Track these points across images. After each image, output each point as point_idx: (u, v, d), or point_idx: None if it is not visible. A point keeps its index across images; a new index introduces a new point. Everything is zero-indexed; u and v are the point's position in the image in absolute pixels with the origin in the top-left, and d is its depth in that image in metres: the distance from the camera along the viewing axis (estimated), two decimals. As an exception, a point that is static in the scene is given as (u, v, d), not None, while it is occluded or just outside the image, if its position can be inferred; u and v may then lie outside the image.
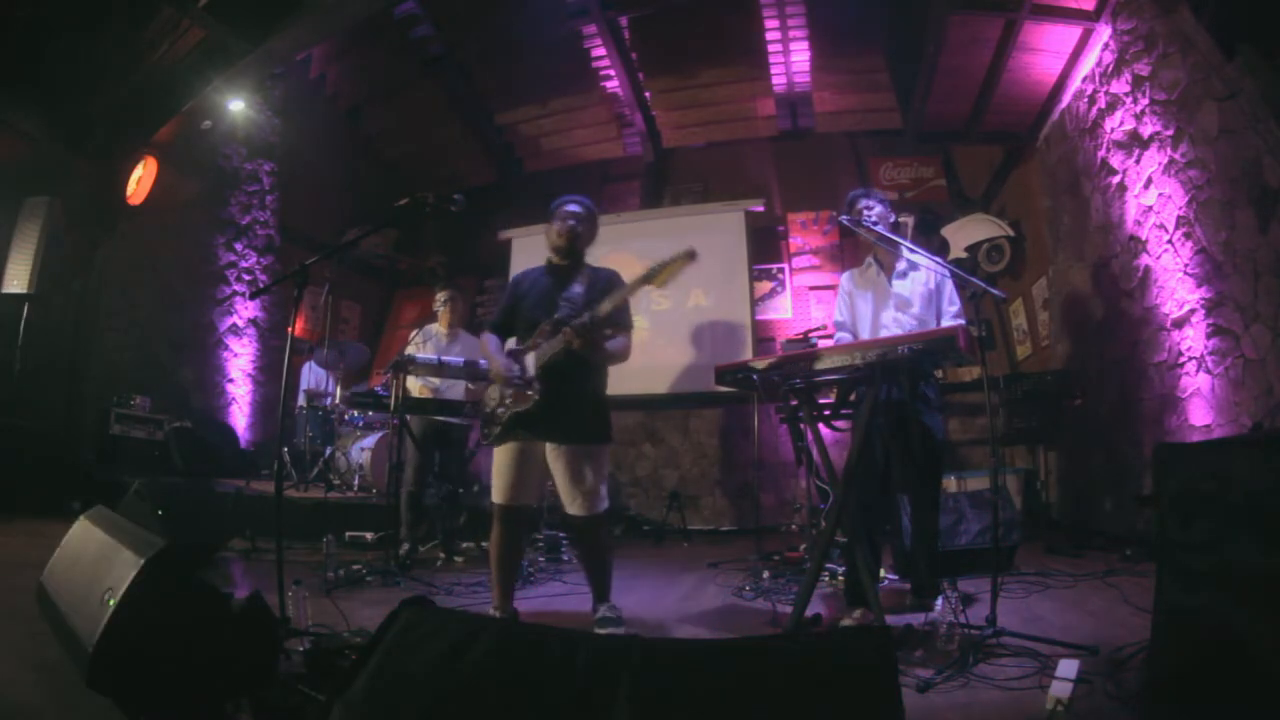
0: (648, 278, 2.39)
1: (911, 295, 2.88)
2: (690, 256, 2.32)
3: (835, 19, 6.34)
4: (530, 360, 2.55)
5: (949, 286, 2.89)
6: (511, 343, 2.72)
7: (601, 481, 2.54)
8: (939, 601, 2.45)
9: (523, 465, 2.55)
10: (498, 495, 2.58)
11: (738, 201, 7.11)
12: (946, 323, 2.81)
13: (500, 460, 2.59)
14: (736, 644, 1.19)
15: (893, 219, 2.93)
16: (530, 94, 7.48)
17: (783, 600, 3.02)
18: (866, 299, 2.97)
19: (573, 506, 2.51)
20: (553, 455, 2.52)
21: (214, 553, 3.54)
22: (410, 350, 4.14)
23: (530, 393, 2.50)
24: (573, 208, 2.71)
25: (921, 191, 6.79)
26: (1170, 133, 3.66)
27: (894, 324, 2.87)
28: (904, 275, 2.91)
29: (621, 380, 6.86)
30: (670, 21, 6.59)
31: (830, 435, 2.77)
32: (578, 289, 2.62)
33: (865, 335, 2.94)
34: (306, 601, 2.19)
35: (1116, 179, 4.30)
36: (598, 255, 2.83)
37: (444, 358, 4.04)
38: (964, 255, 6.12)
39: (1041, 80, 5.07)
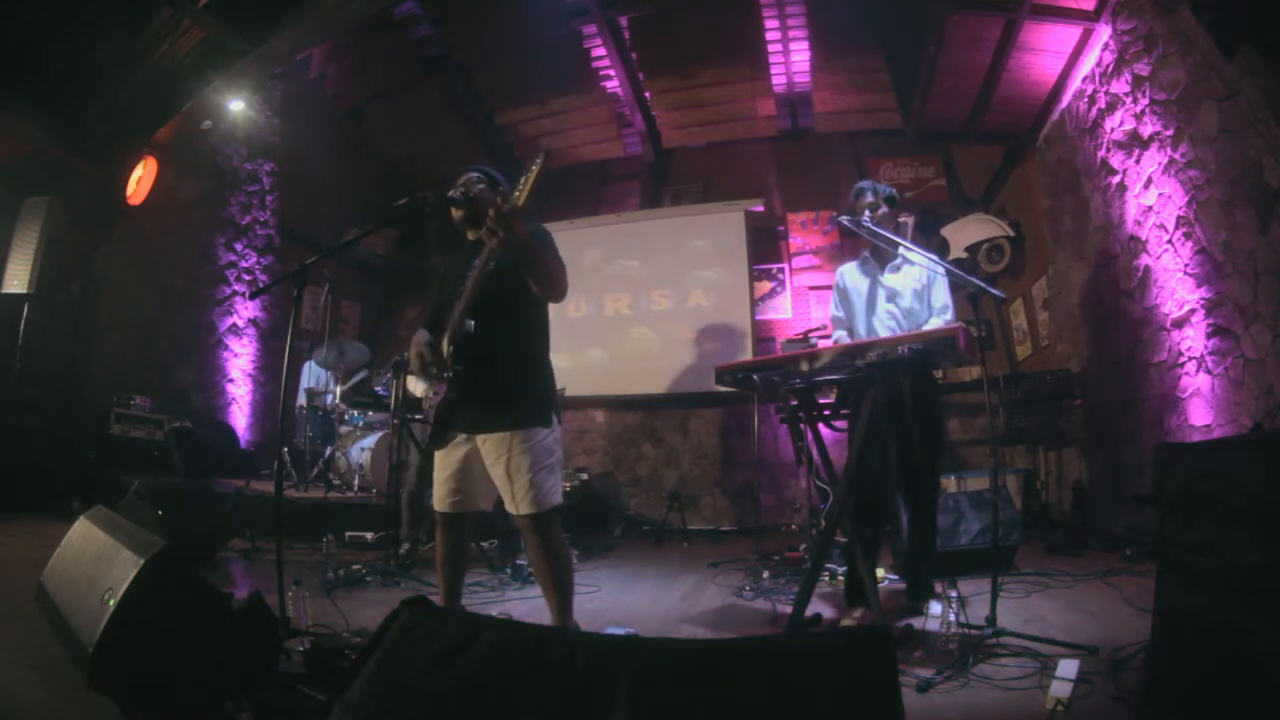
0: (519, 198, 2.01)
1: (902, 288, 2.92)
2: (546, 157, 2.02)
3: (835, 19, 6.34)
4: (444, 343, 2.23)
5: (941, 284, 2.91)
6: None
7: (543, 471, 2.13)
8: (932, 605, 2.45)
9: (461, 468, 2.23)
10: (436, 502, 2.28)
11: (738, 201, 7.12)
12: (935, 320, 2.83)
13: (436, 464, 2.29)
14: (736, 644, 1.19)
15: (898, 219, 2.95)
16: (530, 94, 7.48)
17: (783, 600, 3.02)
18: (860, 293, 3.01)
19: (512, 505, 2.14)
20: (484, 448, 2.17)
21: (214, 553, 3.55)
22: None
23: (447, 374, 2.21)
24: (470, 175, 2.48)
25: (921, 191, 6.79)
26: (1170, 133, 3.66)
27: (886, 315, 2.91)
28: (897, 269, 2.96)
29: (622, 380, 7.06)
30: (670, 21, 6.59)
31: (830, 435, 2.78)
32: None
33: (860, 327, 2.98)
34: (306, 601, 2.19)
35: (1116, 179, 4.30)
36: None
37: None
38: (964, 255, 6.13)
39: (1041, 80, 5.08)
